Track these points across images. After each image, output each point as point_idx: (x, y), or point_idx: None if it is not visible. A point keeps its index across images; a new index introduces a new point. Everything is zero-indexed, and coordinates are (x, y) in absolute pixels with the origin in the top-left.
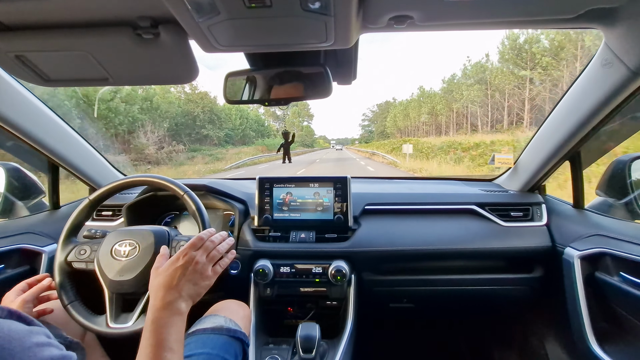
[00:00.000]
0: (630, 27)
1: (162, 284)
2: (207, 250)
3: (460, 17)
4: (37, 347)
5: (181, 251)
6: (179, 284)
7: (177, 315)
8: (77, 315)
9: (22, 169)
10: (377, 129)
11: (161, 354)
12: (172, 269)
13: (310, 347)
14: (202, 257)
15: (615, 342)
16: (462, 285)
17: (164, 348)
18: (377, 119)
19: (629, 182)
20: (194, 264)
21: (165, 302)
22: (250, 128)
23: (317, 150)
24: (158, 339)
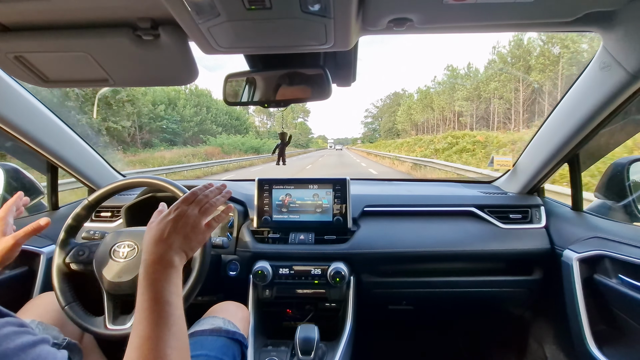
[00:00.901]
0: (628, 30)
1: (152, 237)
2: (199, 204)
3: (459, 20)
4: (13, 335)
5: (173, 205)
6: (170, 237)
7: (170, 268)
8: (75, 317)
9: (21, 169)
10: (382, 126)
11: (160, 307)
12: (163, 223)
13: (309, 349)
14: (194, 211)
15: (613, 344)
16: (461, 288)
17: (163, 302)
18: (383, 115)
19: (627, 184)
20: (185, 217)
21: (156, 255)
22: (215, 121)
23: (310, 152)
24: (155, 293)
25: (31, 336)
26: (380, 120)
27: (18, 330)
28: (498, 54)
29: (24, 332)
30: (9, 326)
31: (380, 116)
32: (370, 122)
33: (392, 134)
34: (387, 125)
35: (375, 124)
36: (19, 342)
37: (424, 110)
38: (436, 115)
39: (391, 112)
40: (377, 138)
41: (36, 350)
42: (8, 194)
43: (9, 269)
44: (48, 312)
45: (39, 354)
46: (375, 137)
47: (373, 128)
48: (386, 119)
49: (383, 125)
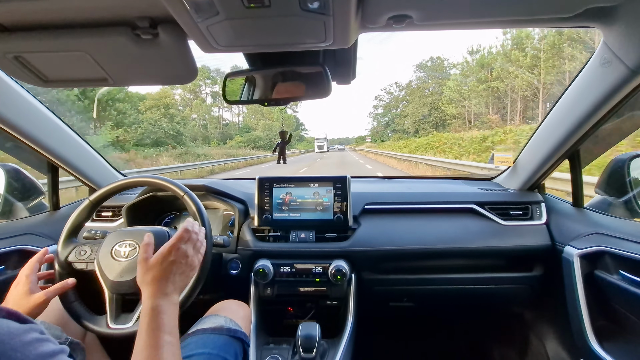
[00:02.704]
0: (628, 25)
1: (159, 278)
2: (193, 242)
3: (459, 17)
4: (36, 342)
5: (172, 245)
6: (174, 278)
7: (173, 305)
8: (77, 316)
9: (22, 170)
10: (409, 114)
11: (162, 337)
12: (167, 264)
13: (311, 347)
14: (191, 250)
15: (614, 340)
16: (462, 284)
17: (164, 332)
18: (401, 103)
19: (628, 180)
20: (184, 257)
21: (162, 293)
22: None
23: (292, 153)
24: (158, 325)
25: (52, 345)
26: (397, 111)
27: (40, 338)
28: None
29: (45, 340)
30: (32, 332)
31: (396, 105)
32: (381, 114)
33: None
34: (417, 112)
35: (388, 116)
36: (40, 350)
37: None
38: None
39: (422, 95)
40: (390, 136)
41: (62, 357)
42: (9, 194)
43: (11, 269)
44: (50, 311)
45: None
46: (386, 134)
47: (385, 122)
48: (415, 104)
49: (411, 113)
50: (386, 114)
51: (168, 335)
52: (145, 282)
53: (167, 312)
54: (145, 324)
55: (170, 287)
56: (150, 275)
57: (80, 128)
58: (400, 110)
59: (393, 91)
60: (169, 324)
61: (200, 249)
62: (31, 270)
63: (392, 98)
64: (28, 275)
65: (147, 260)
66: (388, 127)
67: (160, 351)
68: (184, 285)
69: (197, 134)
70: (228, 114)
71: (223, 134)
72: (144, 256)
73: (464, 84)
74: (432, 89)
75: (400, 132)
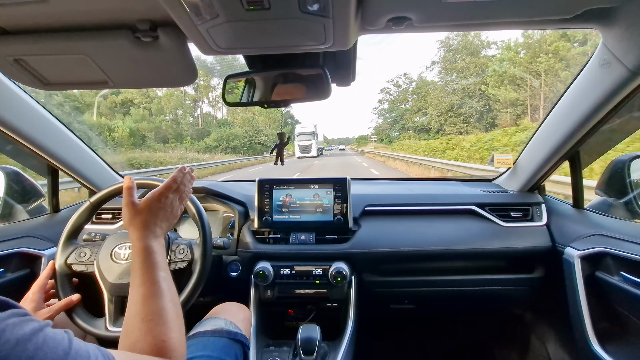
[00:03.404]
0: (628, 27)
1: (147, 221)
2: (179, 193)
3: (458, 18)
4: (21, 323)
5: (161, 193)
6: (161, 223)
7: (161, 246)
8: (76, 318)
9: (22, 172)
10: (410, 115)
11: (157, 272)
12: (155, 209)
13: (311, 349)
14: (177, 200)
15: (616, 341)
16: (463, 286)
17: (159, 268)
18: (408, 97)
19: (628, 181)
20: (170, 205)
21: (153, 234)
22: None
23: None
24: (152, 262)
25: (36, 322)
26: (406, 105)
27: (23, 319)
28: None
29: (28, 320)
30: (13, 317)
31: (404, 99)
32: (388, 109)
33: (462, 119)
34: (441, 104)
35: (395, 111)
36: (27, 328)
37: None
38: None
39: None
40: (397, 137)
41: (44, 332)
42: (9, 197)
43: (10, 272)
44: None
45: (47, 334)
46: (392, 134)
47: (393, 118)
48: (439, 93)
49: (434, 103)
50: (393, 109)
51: (162, 271)
52: (134, 225)
53: (159, 252)
54: (139, 263)
55: (159, 230)
56: (139, 219)
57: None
58: (411, 105)
59: (401, 83)
60: (161, 261)
61: (184, 201)
62: (39, 288)
63: (401, 91)
64: (35, 292)
65: (134, 204)
66: (396, 124)
67: (158, 284)
68: (167, 230)
69: (167, 132)
70: (211, 107)
71: (201, 130)
72: (129, 199)
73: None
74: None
75: (410, 130)
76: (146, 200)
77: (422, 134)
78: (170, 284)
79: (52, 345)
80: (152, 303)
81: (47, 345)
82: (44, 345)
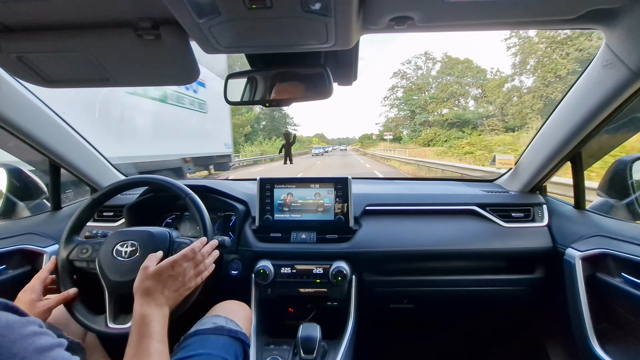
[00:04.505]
0: (631, 27)
1: (153, 288)
2: (196, 264)
3: (460, 18)
4: (34, 335)
5: (175, 261)
6: (168, 292)
7: (163, 315)
8: (77, 314)
9: (24, 170)
10: (435, 104)
11: (152, 344)
12: (165, 277)
13: (311, 348)
14: (191, 271)
15: (616, 343)
16: (463, 286)
17: (154, 339)
18: (432, 82)
19: (630, 182)
20: (182, 276)
21: (154, 303)
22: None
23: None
24: (148, 332)
25: (50, 338)
26: (428, 93)
27: (39, 331)
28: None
29: (43, 334)
30: (31, 325)
31: (421, 87)
32: (403, 99)
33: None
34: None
35: (412, 101)
36: (38, 343)
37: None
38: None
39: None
40: (417, 134)
41: (52, 354)
42: (11, 194)
43: (12, 269)
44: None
45: (54, 357)
46: (405, 130)
47: (410, 111)
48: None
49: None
50: (409, 98)
51: (158, 343)
52: (139, 290)
53: (157, 321)
54: (135, 332)
55: (162, 299)
56: (146, 284)
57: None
58: (437, 92)
59: (421, 64)
60: (158, 332)
61: (202, 274)
62: (39, 280)
63: (420, 76)
64: (36, 284)
65: (147, 269)
66: (415, 117)
67: (151, 358)
68: (174, 301)
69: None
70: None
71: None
72: (146, 264)
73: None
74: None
75: (436, 124)
76: (158, 267)
77: (454, 130)
78: (166, 356)
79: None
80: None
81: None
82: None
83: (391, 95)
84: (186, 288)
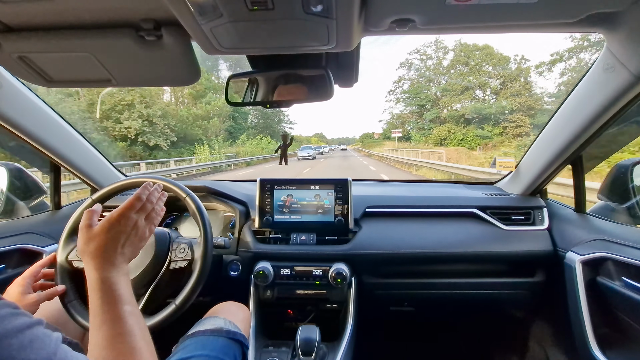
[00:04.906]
0: (632, 31)
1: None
2: (146, 211)
3: (461, 21)
4: (11, 316)
5: (120, 213)
6: (122, 249)
7: (124, 275)
8: (75, 315)
9: (24, 169)
10: (448, 97)
11: (121, 307)
12: (113, 232)
13: (310, 350)
14: (142, 220)
15: (617, 348)
16: (463, 289)
17: (123, 303)
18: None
19: (631, 186)
20: (135, 228)
21: (110, 264)
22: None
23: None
24: (113, 297)
25: (27, 318)
26: (440, 85)
27: (14, 312)
28: None
29: (20, 314)
30: (5, 307)
31: (431, 79)
32: (411, 93)
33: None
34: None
35: (420, 95)
36: (16, 323)
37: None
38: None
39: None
40: (426, 131)
41: (33, 331)
42: (11, 193)
43: (11, 268)
44: (49, 311)
45: (36, 334)
46: (422, 125)
47: (419, 105)
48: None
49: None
50: (419, 92)
51: (127, 305)
52: (87, 252)
53: (120, 283)
54: (97, 298)
55: (119, 258)
56: (93, 244)
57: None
58: (450, 84)
59: (431, 53)
60: (124, 294)
61: (154, 220)
62: (31, 273)
63: (431, 66)
64: (25, 277)
65: (90, 228)
66: (426, 112)
67: (123, 322)
68: (132, 257)
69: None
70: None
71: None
72: (87, 222)
73: None
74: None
75: (450, 120)
76: (103, 223)
77: (471, 127)
78: (140, 318)
79: (37, 346)
80: (119, 344)
81: (32, 345)
82: (29, 345)
83: (397, 88)
84: (141, 239)
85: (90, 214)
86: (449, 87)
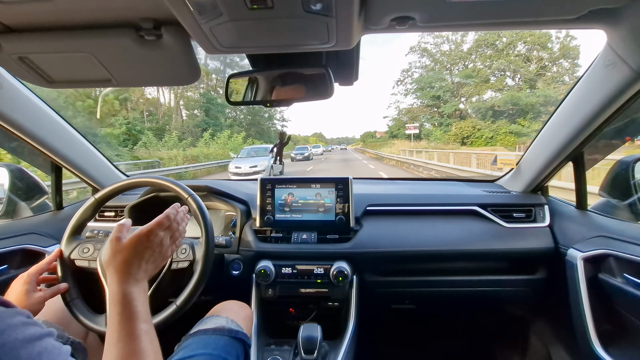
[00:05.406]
0: (633, 27)
1: (130, 262)
2: (172, 231)
3: (462, 18)
4: (23, 325)
5: (150, 230)
6: (146, 265)
7: (144, 292)
8: (78, 314)
9: (26, 170)
10: (475, 87)
11: (138, 325)
12: (141, 248)
13: (312, 348)
14: (167, 240)
15: (618, 344)
16: (465, 287)
17: (140, 320)
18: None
19: (632, 183)
20: (160, 245)
21: (134, 279)
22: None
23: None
24: (132, 313)
25: (39, 328)
26: (459, 72)
27: (26, 322)
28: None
29: (31, 324)
30: (18, 316)
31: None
32: (425, 81)
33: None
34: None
35: (435, 86)
36: (27, 333)
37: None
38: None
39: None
40: (443, 127)
41: (42, 343)
42: (13, 194)
43: (14, 269)
44: (52, 310)
45: (45, 347)
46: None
47: (434, 97)
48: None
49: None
50: (434, 79)
51: (144, 324)
52: (114, 264)
53: (139, 299)
54: (116, 313)
55: (142, 274)
56: (120, 257)
57: None
58: (474, 67)
59: (448, 35)
60: (142, 311)
61: (177, 241)
62: (36, 271)
63: (447, 52)
64: (30, 274)
65: (119, 240)
66: (442, 102)
67: (138, 341)
68: (152, 274)
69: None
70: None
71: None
72: (117, 235)
73: None
74: None
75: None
76: (132, 237)
77: (502, 122)
78: (154, 339)
79: (45, 359)
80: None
81: (41, 358)
82: (37, 357)
83: (406, 78)
84: (163, 257)
85: (120, 227)
86: (472, 73)
